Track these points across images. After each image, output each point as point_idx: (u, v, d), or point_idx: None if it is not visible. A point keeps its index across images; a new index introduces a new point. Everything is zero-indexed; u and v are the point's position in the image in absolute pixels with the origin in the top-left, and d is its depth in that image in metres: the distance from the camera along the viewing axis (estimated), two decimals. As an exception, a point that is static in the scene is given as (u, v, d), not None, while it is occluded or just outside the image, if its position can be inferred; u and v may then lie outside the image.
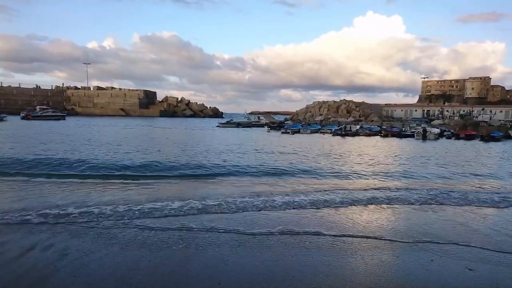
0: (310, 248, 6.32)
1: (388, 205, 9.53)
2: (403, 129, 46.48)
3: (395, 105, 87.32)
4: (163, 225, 7.30)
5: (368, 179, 13.63)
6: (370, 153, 23.62)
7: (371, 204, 9.61)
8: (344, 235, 7.02)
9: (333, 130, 45.69)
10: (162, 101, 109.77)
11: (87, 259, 5.59)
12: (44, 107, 70.48)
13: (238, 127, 53.62)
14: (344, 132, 43.54)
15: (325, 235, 7.01)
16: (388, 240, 6.86)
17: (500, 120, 57.32)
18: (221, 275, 5.17)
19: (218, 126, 54.01)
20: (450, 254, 6.20)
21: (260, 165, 15.64)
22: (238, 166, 15.31)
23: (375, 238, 6.92)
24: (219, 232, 6.99)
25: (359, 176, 14.07)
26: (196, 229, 7.09)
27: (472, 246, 6.58)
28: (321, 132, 46.73)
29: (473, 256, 6.14)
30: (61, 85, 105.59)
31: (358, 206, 9.38)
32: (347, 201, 9.74)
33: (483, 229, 7.72)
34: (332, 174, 14.27)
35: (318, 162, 17.79)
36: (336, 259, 5.87)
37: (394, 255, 6.17)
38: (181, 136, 34.60)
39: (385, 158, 20.56)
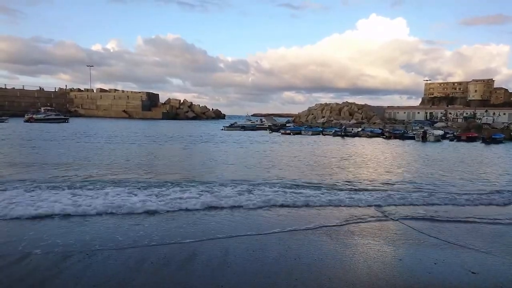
0: (313, 251, 6.30)
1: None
2: (407, 131, 46.57)
3: (398, 108, 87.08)
4: (166, 227, 7.31)
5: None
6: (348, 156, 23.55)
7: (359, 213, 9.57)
8: (346, 238, 7.01)
9: (333, 131, 46.55)
10: (164, 103, 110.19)
11: (89, 260, 5.60)
12: (49, 108, 70.82)
13: (242, 130, 53.44)
14: (344, 133, 44.75)
15: (327, 238, 7.00)
16: (391, 243, 6.84)
17: (503, 123, 57.11)
18: (223, 278, 5.16)
19: (223, 129, 53.91)
20: (453, 257, 6.18)
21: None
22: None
23: (378, 241, 6.90)
24: (221, 234, 7.00)
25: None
26: (197, 233, 7.09)
27: (476, 249, 6.55)
28: (323, 134, 47.34)
29: (476, 259, 6.12)
30: (64, 87, 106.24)
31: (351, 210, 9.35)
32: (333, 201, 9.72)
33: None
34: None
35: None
36: (339, 262, 5.85)
37: (397, 258, 6.15)
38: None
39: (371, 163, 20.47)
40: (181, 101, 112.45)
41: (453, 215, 8.99)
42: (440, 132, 43.66)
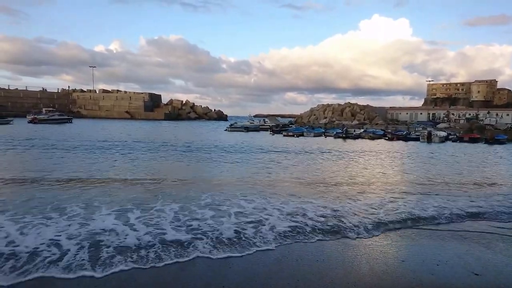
0: (315, 252, 6.30)
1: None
2: (409, 132, 46.38)
3: (400, 108, 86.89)
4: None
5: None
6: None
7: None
8: (348, 238, 7.00)
9: (335, 133, 45.65)
10: (167, 104, 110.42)
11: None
12: (51, 109, 71.02)
13: (245, 131, 52.43)
14: (345, 135, 43.81)
15: (329, 239, 7.00)
16: (394, 243, 6.82)
17: (506, 124, 56.90)
18: (225, 279, 5.17)
19: (226, 129, 53.63)
20: (456, 258, 6.16)
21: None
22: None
23: (380, 241, 6.89)
24: (225, 235, 7.01)
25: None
26: (200, 232, 7.11)
27: (479, 251, 6.54)
28: (325, 136, 46.63)
29: (479, 261, 6.10)
30: (67, 88, 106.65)
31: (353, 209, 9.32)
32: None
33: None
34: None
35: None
36: (341, 263, 5.85)
37: (400, 259, 6.13)
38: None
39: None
40: (183, 102, 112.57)
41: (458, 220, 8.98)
42: (444, 133, 43.61)
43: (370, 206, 9.50)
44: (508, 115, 68.82)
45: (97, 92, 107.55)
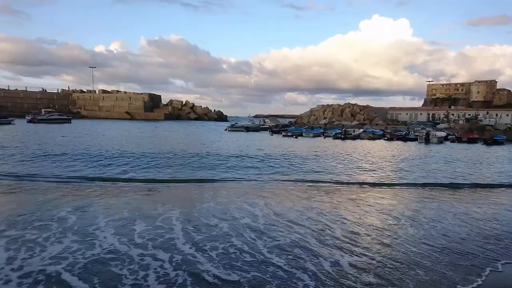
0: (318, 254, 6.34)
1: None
2: (409, 132, 46.28)
3: (400, 109, 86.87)
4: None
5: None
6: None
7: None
8: (349, 233, 7.04)
9: (334, 133, 45.27)
10: (167, 104, 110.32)
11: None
12: (50, 110, 71.08)
13: (245, 131, 52.29)
14: (344, 136, 43.54)
15: (330, 240, 7.04)
16: (397, 245, 6.86)
17: (506, 124, 56.92)
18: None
19: (226, 129, 53.62)
20: (456, 259, 6.20)
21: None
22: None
23: (382, 243, 6.92)
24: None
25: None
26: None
27: (478, 252, 6.58)
28: (324, 136, 46.26)
29: (479, 261, 6.14)
30: (67, 89, 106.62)
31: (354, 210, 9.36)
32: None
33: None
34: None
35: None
36: (343, 263, 5.89)
37: (401, 259, 6.17)
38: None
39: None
40: (183, 102, 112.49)
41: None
42: (443, 134, 43.51)
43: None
44: (507, 115, 68.89)
45: (97, 92, 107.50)
